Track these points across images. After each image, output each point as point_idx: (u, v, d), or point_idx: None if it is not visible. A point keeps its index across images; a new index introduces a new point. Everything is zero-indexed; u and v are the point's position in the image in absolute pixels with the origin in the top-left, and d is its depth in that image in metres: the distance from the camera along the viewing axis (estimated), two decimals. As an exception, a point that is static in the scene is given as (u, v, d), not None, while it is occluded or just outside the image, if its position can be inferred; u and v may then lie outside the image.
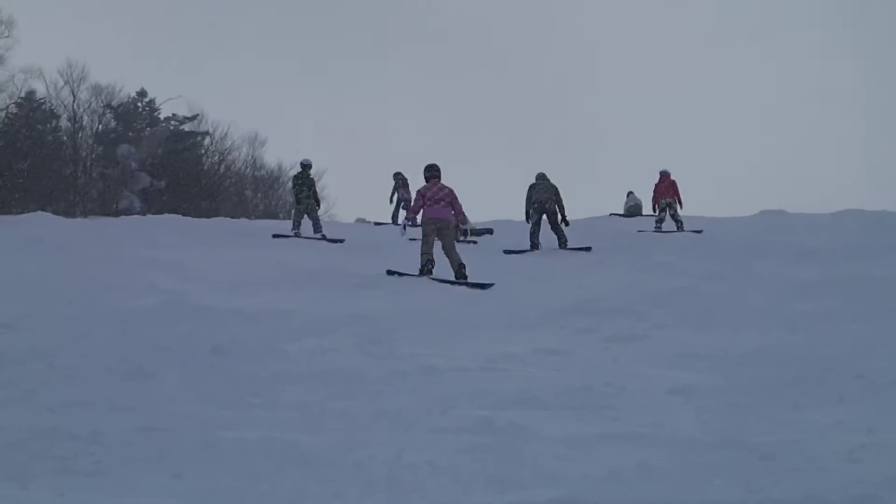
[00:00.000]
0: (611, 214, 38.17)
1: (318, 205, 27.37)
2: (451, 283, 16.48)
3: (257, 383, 8.21)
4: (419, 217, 18.03)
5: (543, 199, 23.01)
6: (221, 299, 13.62)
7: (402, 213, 32.43)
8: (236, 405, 7.36)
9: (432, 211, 17.66)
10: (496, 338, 11.01)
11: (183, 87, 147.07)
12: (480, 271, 17.08)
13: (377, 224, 33.48)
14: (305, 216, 26.55)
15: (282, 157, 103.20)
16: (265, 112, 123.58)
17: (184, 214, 38.45)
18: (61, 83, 73.03)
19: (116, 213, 52.53)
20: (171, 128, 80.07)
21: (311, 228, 26.26)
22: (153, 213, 43.94)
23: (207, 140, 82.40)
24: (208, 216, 42.76)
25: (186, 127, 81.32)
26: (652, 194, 29.45)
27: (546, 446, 6.13)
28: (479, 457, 5.88)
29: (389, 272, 16.96)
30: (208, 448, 5.96)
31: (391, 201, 33.73)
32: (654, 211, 29.37)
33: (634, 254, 20.96)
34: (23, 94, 71.08)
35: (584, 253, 21.68)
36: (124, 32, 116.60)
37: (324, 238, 25.49)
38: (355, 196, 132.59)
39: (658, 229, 28.05)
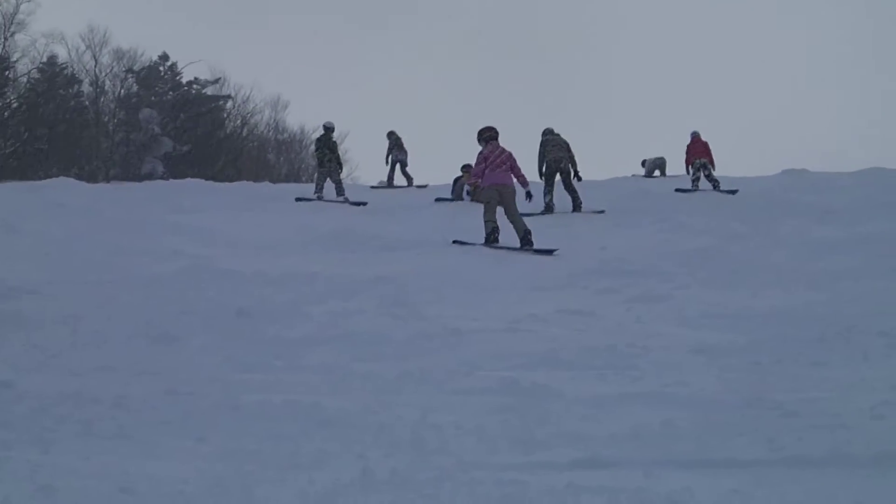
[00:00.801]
0: (633, 175, 38.03)
1: (341, 168, 27.35)
2: (517, 249, 16.02)
3: (282, 346, 8.27)
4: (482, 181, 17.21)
5: (558, 158, 22.64)
6: (245, 263, 13.65)
7: (396, 172, 32.18)
8: (261, 368, 7.41)
9: (494, 176, 17.00)
10: (520, 299, 11.07)
11: (205, 50, 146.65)
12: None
13: (373, 188, 32.51)
14: (328, 179, 26.55)
15: (304, 120, 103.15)
16: (288, 75, 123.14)
17: (206, 179, 38.55)
18: (83, 48, 73.18)
19: (139, 178, 52.54)
20: (194, 91, 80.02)
21: (334, 191, 26.27)
22: (176, 178, 43.98)
23: (230, 104, 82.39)
24: (231, 180, 42.84)
25: (209, 91, 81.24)
26: (685, 156, 29.42)
27: (570, 406, 6.15)
28: (503, 417, 5.90)
29: (456, 242, 16.38)
30: (233, 411, 6.00)
31: (387, 162, 33.25)
32: (689, 172, 29.33)
33: (658, 214, 20.83)
34: (44, 60, 71.22)
35: (606, 214, 21.61)
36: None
37: (346, 201, 25.48)
38: (378, 159, 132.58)
39: (695, 188, 28.02)
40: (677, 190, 27.53)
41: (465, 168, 28.68)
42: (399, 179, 32.24)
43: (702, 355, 7.86)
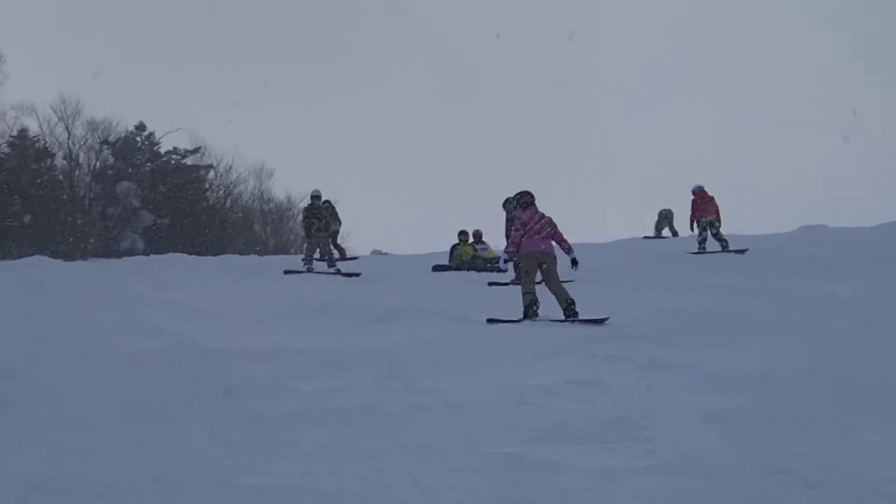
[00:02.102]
0: (644, 237, 38.12)
1: (337, 230, 27.60)
2: (562, 321, 15.72)
3: (271, 424, 8.22)
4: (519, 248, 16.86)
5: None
6: (231, 339, 13.66)
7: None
8: (250, 449, 7.35)
9: (532, 243, 16.69)
10: (523, 369, 11.05)
11: (183, 118, 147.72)
12: (501, 304, 17.08)
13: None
14: (317, 250, 26.70)
15: (291, 188, 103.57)
16: (271, 142, 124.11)
17: (189, 253, 38.64)
18: (55, 119, 73.63)
19: (118, 254, 52.69)
20: (173, 162, 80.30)
21: (326, 264, 26.40)
22: (157, 253, 44.07)
23: (211, 173, 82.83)
24: (215, 254, 42.95)
25: (189, 160, 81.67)
26: (690, 213, 29.40)
27: (581, 482, 6.11)
28: (509, 495, 5.87)
29: (492, 321, 15.76)
30: (226, 497, 5.96)
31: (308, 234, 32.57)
32: (693, 230, 29.34)
33: (667, 275, 20.93)
34: (15, 133, 71.50)
35: (614, 277, 21.65)
36: (119, 64, 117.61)
37: (337, 273, 25.58)
38: (370, 226, 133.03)
39: (702, 250, 28.03)
40: (689, 253, 27.61)
41: (462, 235, 28.84)
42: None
43: (717, 423, 7.82)
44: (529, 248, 16.65)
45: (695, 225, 29.14)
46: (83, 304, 17.48)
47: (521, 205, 17.33)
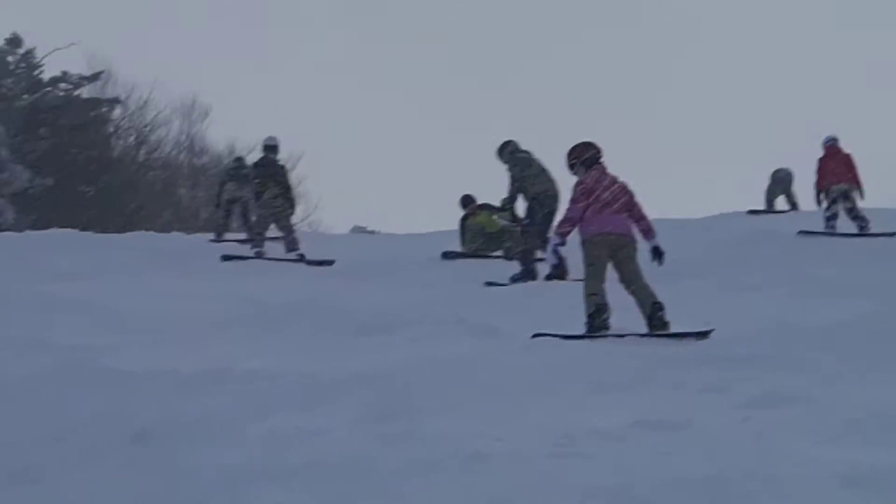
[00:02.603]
0: (750, 212, 37.99)
1: (293, 207, 27.46)
2: (646, 336, 15.39)
3: (204, 486, 8.28)
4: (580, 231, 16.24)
5: (551, 193, 23.26)
6: (147, 356, 13.70)
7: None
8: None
9: (602, 220, 16.00)
10: (575, 404, 11.00)
11: (78, 30, 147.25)
12: (546, 309, 17.06)
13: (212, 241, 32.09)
14: (273, 224, 26.67)
15: (233, 135, 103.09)
16: (206, 69, 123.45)
17: (84, 228, 38.68)
18: None
19: (-22, 229, 52.71)
20: (62, 93, 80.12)
21: (283, 245, 26.38)
22: (36, 228, 44.09)
23: (118, 111, 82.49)
24: (122, 230, 42.99)
25: (85, 91, 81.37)
26: (816, 178, 29.00)
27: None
28: None
29: (540, 335, 15.06)
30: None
31: (217, 203, 33.71)
32: (819, 203, 28.98)
33: (786, 269, 20.91)
34: None
35: (711, 271, 21.67)
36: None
37: (301, 259, 25.60)
38: (349, 195, 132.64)
39: (830, 229, 27.76)
40: (801, 232, 27.37)
41: (467, 201, 28.66)
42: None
43: (860, 488, 7.85)
44: (599, 227, 15.93)
45: (822, 195, 28.69)
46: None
47: (582, 163, 16.49)
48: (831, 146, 28.62)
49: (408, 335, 15.30)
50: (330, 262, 24.87)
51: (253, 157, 34.07)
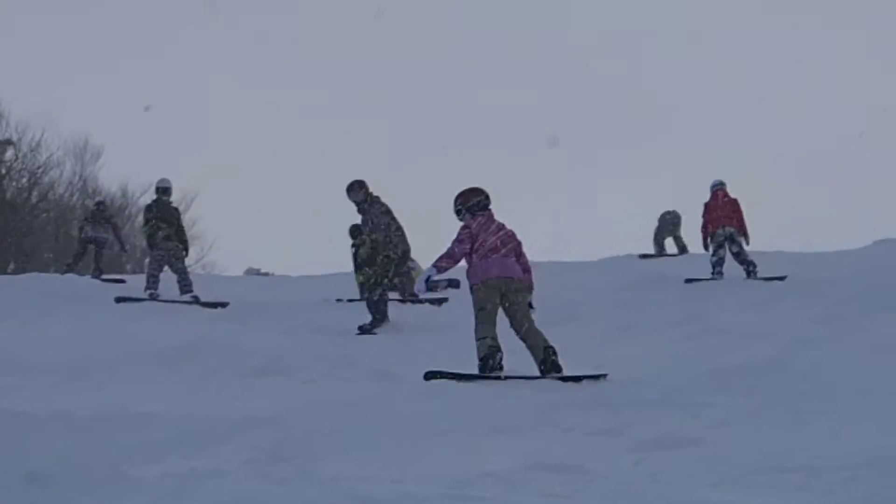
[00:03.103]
0: (642, 256, 38.25)
1: (186, 249, 27.43)
2: (537, 378, 15.23)
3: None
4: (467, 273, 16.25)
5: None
6: (40, 398, 13.63)
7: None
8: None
9: (491, 265, 15.89)
10: (469, 447, 10.98)
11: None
12: (440, 350, 17.05)
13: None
14: (167, 266, 26.64)
15: (127, 176, 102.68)
16: (100, 108, 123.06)
17: (-26, 269, 38.53)
18: None
19: None
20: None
21: (177, 286, 26.34)
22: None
23: (10, 153, 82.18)
24: (16, 271, 42.84)
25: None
26: (703, 221, 29.22)
27: None
28: None
29: (430, 375, 15.08)
30: None
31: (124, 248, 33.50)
32: (707, 247, 29.16)
33: (679, 312, 21.03)
34: None
35: (606, 314, 21.79)
36: None
37: (196, 301, 25.57)
38: (243, 237, 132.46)
39: (717, 275, 27.99)
40: (688, 280, 27.59)
41: (355, 232, 28.65)
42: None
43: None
44: (486, 273, 15.88)
45: (708, 239, 28.89)
46: None
47: (468, 209, 16.39)
48: (718, 190, 28.91)
49: (302, 377, 15.32)
50: (224, 304, 24.86)
51: (146, 199, 34.11)
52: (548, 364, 15.30)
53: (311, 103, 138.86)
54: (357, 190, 23.65)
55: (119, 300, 25.50)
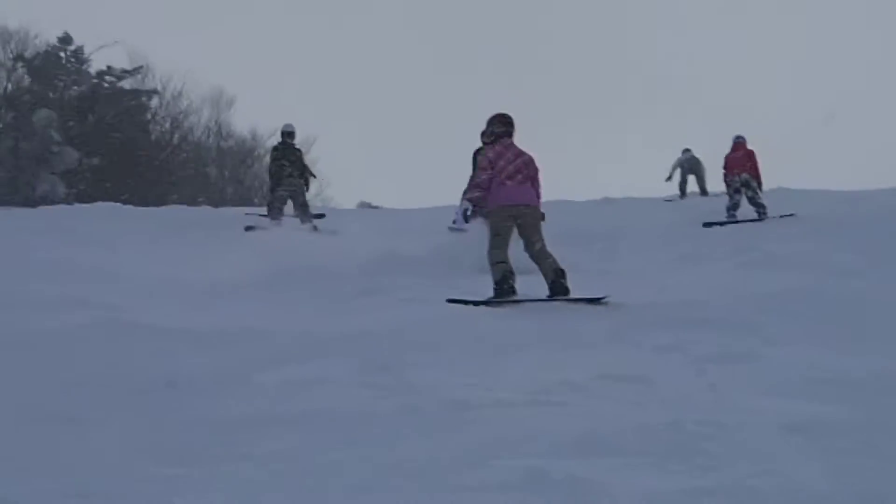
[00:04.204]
0: (667, 199, 37.94)
1: (308, 184, 27.49)
2: (546, 300, 14.96)
3: (222, 429, 8.19)
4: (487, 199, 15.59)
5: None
6: (173, 316, 13.67)
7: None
8: (196, 460, 7.31)
9: (505, 191, 15.33)
10: (549, 360, 10.94)
11: (121, 29, 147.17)
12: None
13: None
14: (289, 201, 26.68)
15: (256, 122, 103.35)
16: (232, 62, 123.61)
17: (125, 202, 38.68)
18: (-44, 28, 73.38)
19: (33, 202, 52.58)
20: (106, 85, 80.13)
21: (298, 217, 26.41)
22: (82, 202, 44.05)
23: (155, 101, 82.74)
24: (158, 203, 43.02)
25: (126, 84, 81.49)
26: (722, 170, 29.30)
27: (618, 506, 6.06)
28: (527, 524, 5.83)
29: (452, 301, 14.71)
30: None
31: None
32: (728, 188, 29.16)
33: (735, 243, 20.87)
34: None
35: (671, 242, 21.69)
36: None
37: (315, 230, 25.62)
38: (356, 174, 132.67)
39: (731, 218, 27.98)
40: (706, 224, 27.55)
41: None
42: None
43: (800, 435, 7.74)
44: (501, 199, 15.41)
45: (727, 182, 29.01)
46: (-15, 267, 17.50)
47: (489, 135, 16.11)
48: (738, 143, 29.05)
49: (399, 296, 15.25)
50: (336, 233, 24.91)
51: (272, 141, 34.08)
52: (557, 286, 14.97)
53: (421, 45, 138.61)
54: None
55: (247, 228, 25.60)
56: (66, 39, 79.13)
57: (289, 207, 27.31)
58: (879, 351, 11.17)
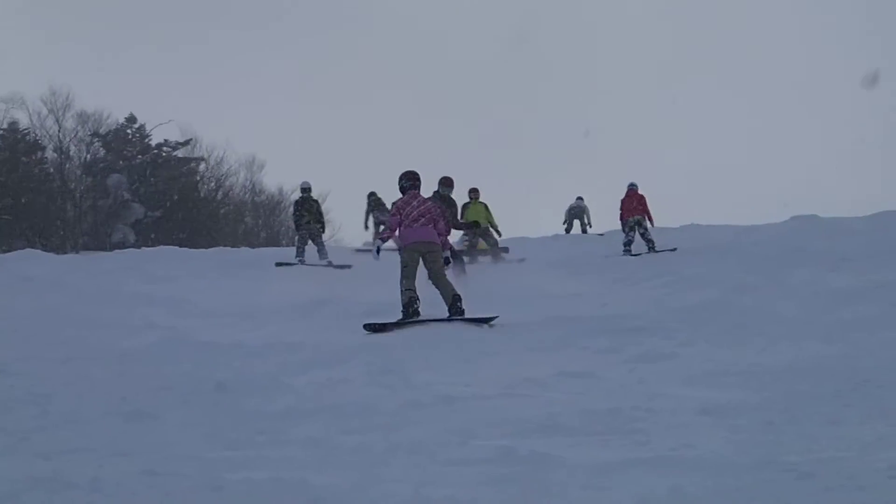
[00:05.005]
0: (554, 236, 37.04)
1: (323, 229, 27.51)
2: (446, 320, 14.51)
3: (264, 420, 8.24)
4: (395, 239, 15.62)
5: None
6: (223, 334, 13.72)
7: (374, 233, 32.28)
8: (243, 444, 7.36)
9: (412, 232, 15.12)
10: (515, 362, 11.04)
11: (174, 110, 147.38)
12: (501, 293, 16.98)
13: (358, 250, 31.41)
14: (309, 242, 26.71)
15: (282, 180, 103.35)
16: (262, 134, 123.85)
17: (181, 245, 38.69)
18: (45, 112, 73.33)
19: (109, 248, 52.61)
20: (164, 154, 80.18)
21: (317, 255, 26.41)
22: (148, 246, 44.05)
23: (202, 166, 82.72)
24: (207, 246, 42.96)
25: (180, 153, 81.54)
26: (620, 211, 29.11)
27: (572, 475, 6.11)
28: (501, 489, 5.87)
29: (369, 326, 14.41)
30: (215, 491, 5.94)
31: (366, 226, 33.54)
32: (624, 229, 29.01)
33: (656, 268, 20.96)
34: (4, 126, 71.31)
35: (608, 269, 21.76)
36: (109, 56, 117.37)
37: (330, 265, 25.61)
38: (358, 219, 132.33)
39: (627, 252, 27.80)
40: (607, 256, 27.35)
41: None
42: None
43: (710, 416, 7.83)
44: (408, 238, 15.13)
45: (623, 224, 28.79)
46: (74, 299, 17.51)
47: (404, 186, 15.69)
48: (631, 189, 28.84)
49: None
50: (348, 267, 24.83)
51: (294, 195, 34.02)
52: (454, 308, 14.65)
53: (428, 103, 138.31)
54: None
55: (278, 265, 25.60)
56: (131, 119, 79.13)
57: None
58: (765, 347, 11.35)
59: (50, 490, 5.96)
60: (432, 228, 15.24)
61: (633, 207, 28.44)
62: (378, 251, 15.76)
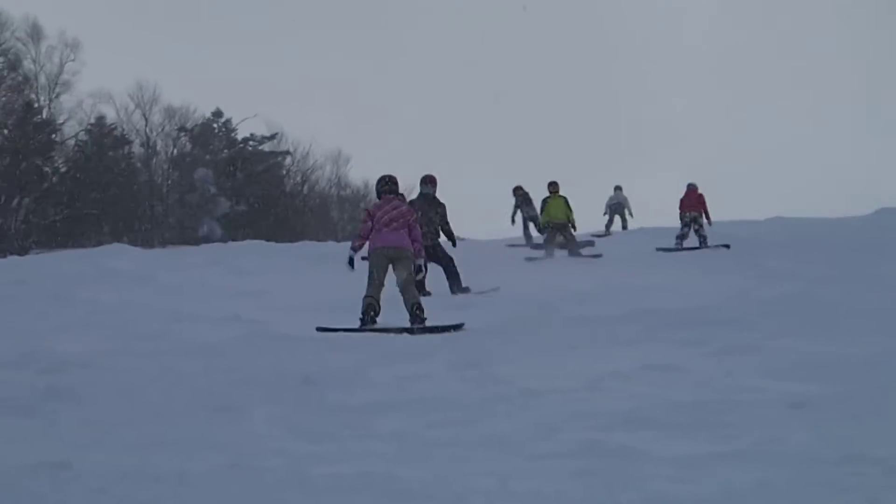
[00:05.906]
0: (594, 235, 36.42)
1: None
2: (406, 330, 13.99)
3: (349, 413, 8.24)
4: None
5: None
6: (307, 327, 13.73)
7: (531, 228, 32.33)
8: (328, 438, 7.37)
9: (380, 237, 14.73)
10: (599, 355, 10.95)
11: (260, 105, 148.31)
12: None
13: (511, 246, 32.27)
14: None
15: (367, 174, 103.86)
16: (348, 127, 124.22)
17: (267, 239, 38.91)
18: (132, 107, 74.29)
19: (196, 241, 53.00)
20: (250, 148, 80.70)
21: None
22: (234, 240, 44.36)
23: (288, 160, 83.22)
24: (292, 240, 43.20)
25: (266, 147, 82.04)
26: (679, 207, 29.53)
27: (657, 468, 6.07)
28: (587, 482, 5.83)
29: (322, 329, 13.95)
30: (302, 485, 5.96)
31: (513, 221, 33.64)
32: (682, 223, 29.42)
33: (737, 261, 20.82)
34: (92, 120, 72.21)
35: (688, 260, 21.63)
36: (195, 51, 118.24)
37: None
38: (459, 212, 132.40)
39: (679, 245, 28.12)
40: (659, 249, 27.62)
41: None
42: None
43: (796, 409, 7.74)
44: (375, 243, 14.79)
45: (681, 218, 29.35)
46: (160, 293, 17.67)
47: (379, 190, 15.36)
48: (690, 188, 29.44)
49: (483, 310, 15.33)
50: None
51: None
52: (414, 317, 14.27)
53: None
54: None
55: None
56: (217, 113, 79.85)
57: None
58: (852, 340, 11.14)
59: (137, 483, 6.00)
60: (405, 234, 14.83)
61: (692, 204, 29.16)
62: (352, 261, 15.31)
